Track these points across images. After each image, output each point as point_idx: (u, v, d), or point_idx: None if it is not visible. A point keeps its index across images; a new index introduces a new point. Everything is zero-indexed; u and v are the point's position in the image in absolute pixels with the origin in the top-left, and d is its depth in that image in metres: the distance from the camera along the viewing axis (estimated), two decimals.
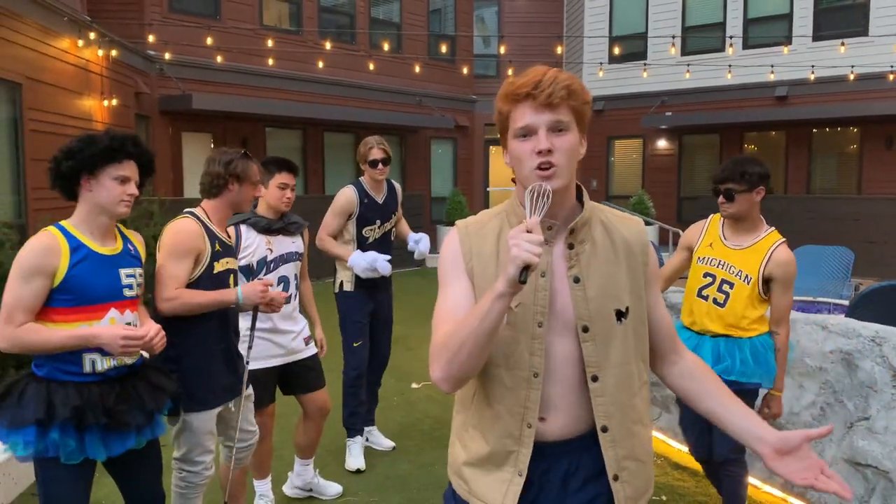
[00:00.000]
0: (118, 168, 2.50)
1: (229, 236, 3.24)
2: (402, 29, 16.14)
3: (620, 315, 1.68)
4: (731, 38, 14.56)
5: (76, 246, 2.47)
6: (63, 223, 2.52)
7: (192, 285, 2.93)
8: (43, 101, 8.03)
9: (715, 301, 3.34)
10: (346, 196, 4.46)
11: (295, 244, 3.78)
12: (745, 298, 3.28)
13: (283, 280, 3.70)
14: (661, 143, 17.01)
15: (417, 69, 14.28)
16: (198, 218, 3.03)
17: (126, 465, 2.67)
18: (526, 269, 1.44)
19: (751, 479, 4.21)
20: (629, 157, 17.46)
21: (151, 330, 2.50)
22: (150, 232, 8.22)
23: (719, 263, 3.35)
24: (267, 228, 3.63)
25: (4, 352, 2.44)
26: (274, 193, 3.62)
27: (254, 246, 3.60)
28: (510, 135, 1.66)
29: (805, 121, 14.70)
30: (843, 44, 13.14)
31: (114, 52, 10.04)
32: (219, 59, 12.42)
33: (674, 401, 4.81)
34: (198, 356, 2.97)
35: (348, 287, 4.53)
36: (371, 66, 14.42)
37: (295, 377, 3.79)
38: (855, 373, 3.67)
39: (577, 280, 1.66)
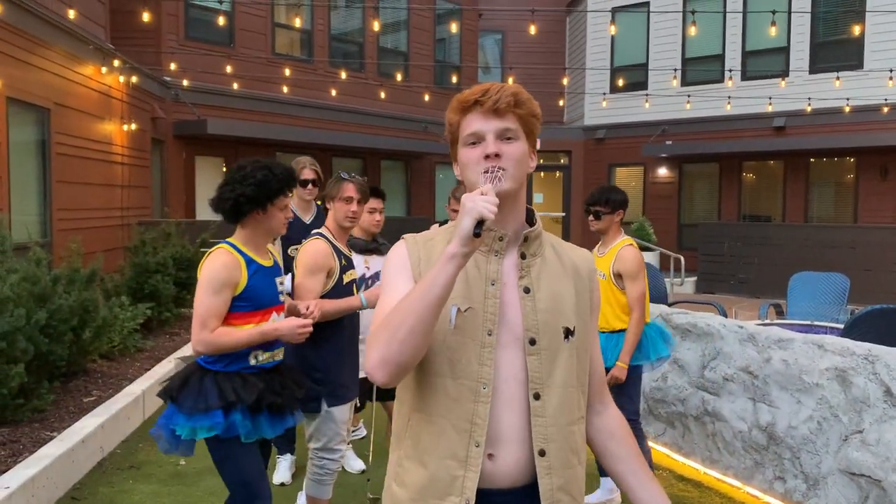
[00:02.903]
0: (283, 200, 2.96)
1: (350, 251, 3.68)
2: (410, 58, 16.54)
3: (568, 333, 1.64)
4: (730, 70, 14.96)
5: (249, 260, 2.91)
6: (232, 241, 2.94)
7: (325, 296, 3.40)
8: (69, 125, 8.34)
9: None
10: None
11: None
12: (605, 293, 4.09)
13: None
14: (662, 171, 17.35)
15: (425, 97, 14.66)
16: (326, 238, 3.47)
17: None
18: (480, 223, 1.44)
19: (749, 490, 4.44)
20: (630, 185, 17.80)
21: (311, 306, 3.03)
22: (168, 252, 8.51)
23: None
24: (364, 249, 4.09)
25: (199, 354, 2.85)
26: (365, 217, 4.02)
27: (354, 265, 4.04)
28: (460, 144, 1.66)
29: (802, 151, 15.06)
30: (837, 77, 13.53)
31: (133, 79, 10.38)
32: (235, 86, 12.79)
33: (678, 416, 5.05)
34: (335, 357, 3.42)
35: None
36: (379, 94, 14.80)
37: None
38: (849, 389, 3.91)
39: (527, 290, 1.63)
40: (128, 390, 5.74)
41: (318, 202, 4.68)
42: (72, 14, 8.07)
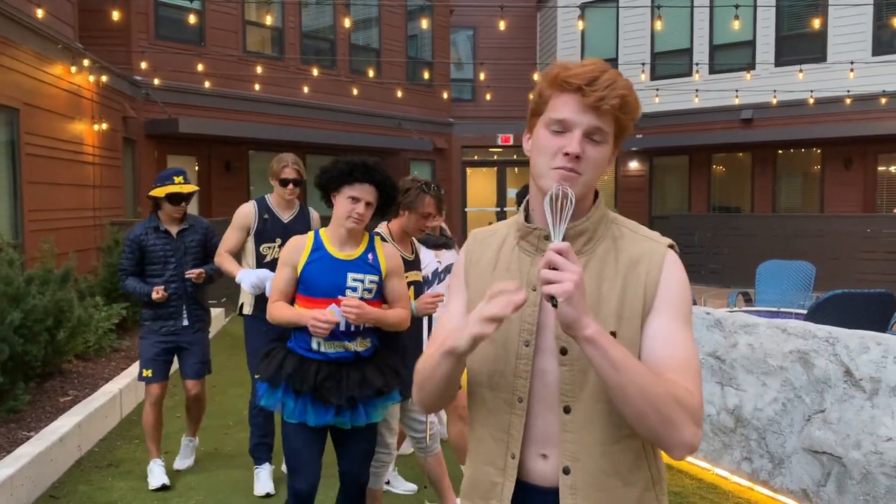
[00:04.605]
0: (351, 189, 3.00)
1: (412, 252, 3.67)
2: (382, 55, 16.56)
3: None
4: (697, 64, 15.17)
5: (317, 247, 3.07)
6: (320, 229, 3.16)
7: None
8: (38, 125, 8.27)
9: None
10: (243, 210, 4.39)
11: (454, 256, 4.31)
12: None
13: None
14: (633, 165, 17.56)
15: (398, 94, 14.69)
16: (382, 239, 3.39)
17: (343, 441, 3.18)
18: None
19: (718, 471, 4.59)
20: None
21: (334, 314, 2.96)
22: None
23: None
24: (435, 244, 4.19)
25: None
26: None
27: (427, 260, 4.07)
28: (541, 121, 1.49)
29: (769, 142, 15.34)
30: (800, 70, 13.81)
31: (103, 78, 10.30)
32: (206, 84, 12.72)
33: None
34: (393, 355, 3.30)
35: (248, 310, 4.33)
36: (351, 91, 14.82)
37: None
38: (811, 370, 4.06)
39: None
40: (105, 389, 5.75)
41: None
42: (40, 13, 8.00)
